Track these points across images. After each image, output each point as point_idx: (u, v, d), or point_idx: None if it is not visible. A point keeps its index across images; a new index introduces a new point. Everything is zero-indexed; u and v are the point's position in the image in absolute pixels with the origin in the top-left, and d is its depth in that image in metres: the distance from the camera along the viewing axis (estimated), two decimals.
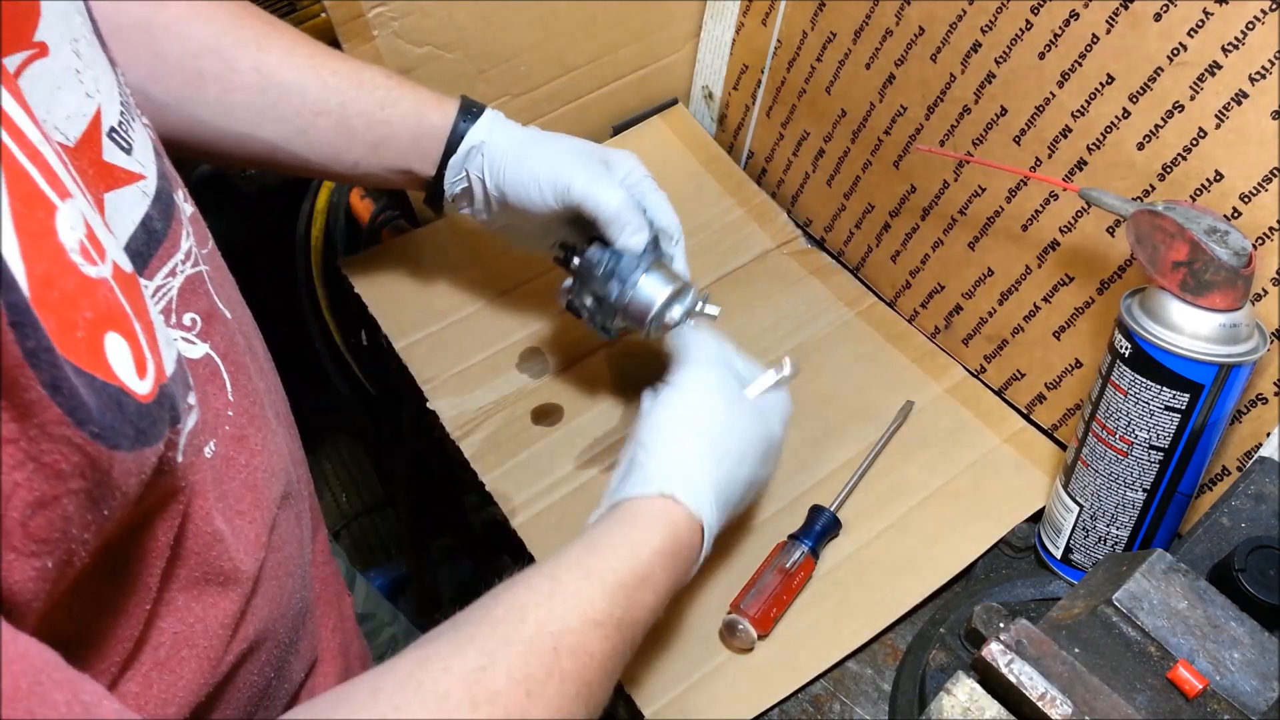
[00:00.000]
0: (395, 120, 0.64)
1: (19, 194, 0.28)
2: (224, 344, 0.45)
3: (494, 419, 0.74)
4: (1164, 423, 0.54)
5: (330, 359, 1.03)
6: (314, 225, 0.99)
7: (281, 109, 0.62)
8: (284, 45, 0.62)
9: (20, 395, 0.26)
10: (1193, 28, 0.55)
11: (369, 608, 0.84)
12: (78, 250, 0.30)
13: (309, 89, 0.62)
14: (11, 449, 0.26)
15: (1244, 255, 0.50)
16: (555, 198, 0.63)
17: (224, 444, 0.43)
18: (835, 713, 0.59)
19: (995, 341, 0.73)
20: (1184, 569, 0.48)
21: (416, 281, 0.82)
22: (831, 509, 0.66)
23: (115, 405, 0.30)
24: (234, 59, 0.60)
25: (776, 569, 0.62)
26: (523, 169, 0.63)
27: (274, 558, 0.46)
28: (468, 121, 0.65)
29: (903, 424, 0.71)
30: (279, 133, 0.63)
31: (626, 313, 0.63)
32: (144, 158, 0.41)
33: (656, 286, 0.62)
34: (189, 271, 0.43)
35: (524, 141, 0.65)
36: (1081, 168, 0.63)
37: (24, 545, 0.28)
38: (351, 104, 0.63)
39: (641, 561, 0.50)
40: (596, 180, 0.62)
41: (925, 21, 0.70)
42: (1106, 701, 0.43)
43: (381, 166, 0.66)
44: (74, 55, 0.37)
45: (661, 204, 0.66)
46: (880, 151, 0.78)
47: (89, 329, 0.29)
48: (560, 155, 0.63)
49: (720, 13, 0.89)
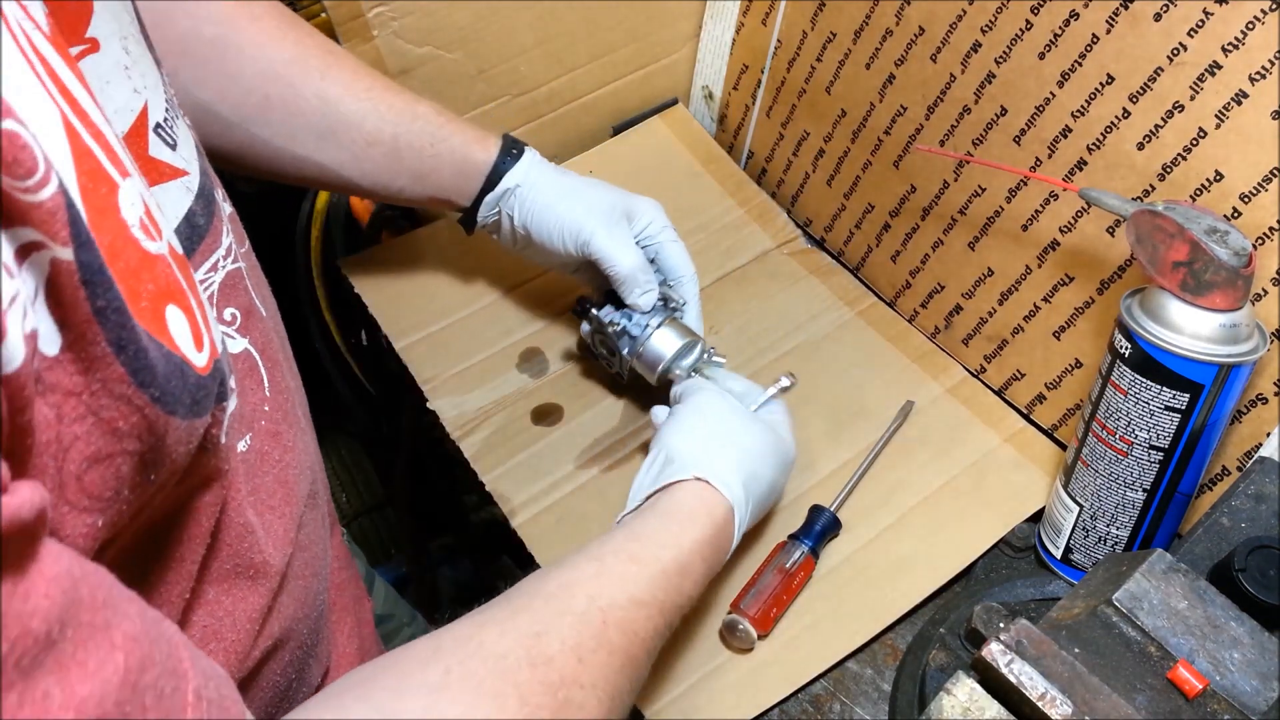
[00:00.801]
0: (443, 155, 0.68)
1: (85, 170, 0.29)
2: (261, 340, 0.46)
3: (494, 419, 0.74)
4: (1164, 423, 0.54)
5: (330, 359, 1.03)
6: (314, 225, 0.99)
7: (340, 137, 0.65)
8: (345, 77, 0.65)
9: (86, 350, 0.27)
10: (1193, 28, 0.55)
11: (387, 608, 0.84)
12: (138, 226, 0.31)
13: (366, 120, 0.66)
14: (74, 402, 0.27)
15: (1244, 255, 0.50)
16: (576, 249, 0.68)
17: (259, 439, 0.44)
18: (835, 713, 0.59)
19: (995, 341, 0.73)
20: (1184, 569, 0.48)
21: (416, 282, 0.82)
22: (831, 509, 0.66)
23: (178, 373, 0.31)
24: (300, 86, 0.63)
25: (776, 569, 0.62)
26: (550, 216, 0.68)
27: (301, 556, 0.47)
28: (508, 162, 0.69)
29: (903, 424, 0.71)
30: (335, 158, 0.66)
31: (637, 364, 0.69)
32: (188, 154, 0.42)
33: (666, 342, 0.68)
34: (230, 267, 0.44)
35: (555, 189, 0.69)
36: (1081, 168, 0.63)
37: (78, 499, 0.29)
38: (404, 137, 0.67)
39: (684, 551, 0.52)
40: (614, 240, 0.67)
41: (925, 21, 0.70)
42: (1106, 701, 0.43)
43: (423, 195, 0.70)
44: (123, 52, 0.38)
45: (679, 255, 0.71)
46: (880, 151, 0.78)
47: (152, 300, 0.31)
48: (583, 211, 0.68)
49: (720, 13, 0.89)
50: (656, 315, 0.69)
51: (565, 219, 0.68)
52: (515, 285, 0.82)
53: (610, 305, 0.71)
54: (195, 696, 0.28)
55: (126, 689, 0.25)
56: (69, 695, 0.24)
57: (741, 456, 0.58)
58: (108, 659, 0.25)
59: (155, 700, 0.27)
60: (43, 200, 0.25)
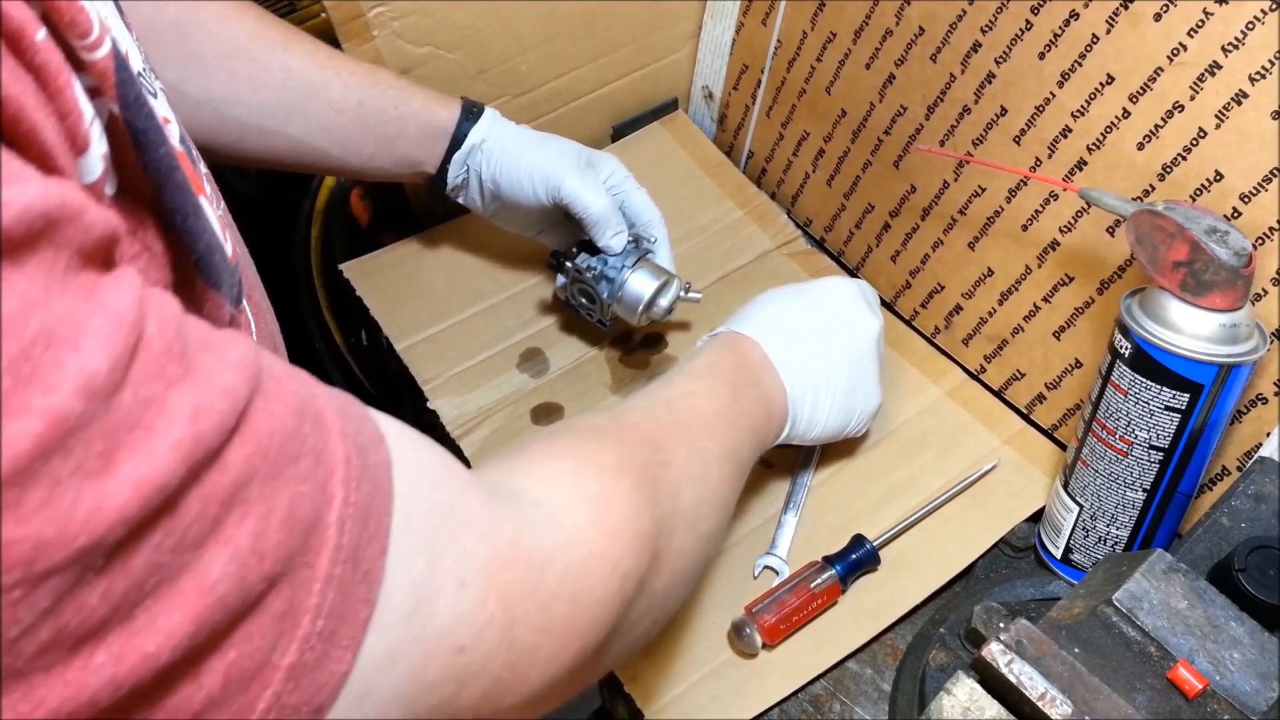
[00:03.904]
0: (408, 118, 0.69)
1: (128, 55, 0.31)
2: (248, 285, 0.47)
3: (494, 418, 0.74)
4: (1164, 423, 0.54)
5: (330, 359, 1.03)
6: (313, 226, 0.99)
7: (306, 107, 0.66)
8: (305, 48, 0.67)
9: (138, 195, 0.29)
10: (1193, 28, 0.55)
11: None
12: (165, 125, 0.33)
13: (331, 88, 0.67)
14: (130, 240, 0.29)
15: (1244, 255, 0.50)
16: (547, 195, 0.70)
17: None
18: (835, 713, 0.59)
19: (995, 341, 0.73)
20: (1184, 569, 0.48)
21: (417, 285, 0.82)
22: (874, 544, 0.63)
23: (219, 249, 0.33)
24: (264, 59, 0.65)
25: (800, 587, 0.61)
26: (519, 168, 0.70)
27: None
28: (470, 120, 0.71)
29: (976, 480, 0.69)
30: (304, 129, 0.67)
31: (618, 307, 0.71)
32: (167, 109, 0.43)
33: (643, 282, 0.70)
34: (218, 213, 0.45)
35: (520, 141, 0.71)
36: (1081, 168, 0.63)
37: None
38: (369, 102, 0.68)
39: (708, 360, 0.57)
40: (585, 184, 0.69)
41: (925, 21, 0.70)
42: (1106, 701, 0.43)
43: (393, 160, 0.71)
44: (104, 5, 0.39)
45: (643, 200, 0.73)
46: (880, 151, 0.78)
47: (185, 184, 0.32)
48: (552, 157, 0.70)
49: (720, 13, 0.89)
50: (630, 255, 0.71)
51: (534, 166, 0.69)
52: (515, 286, 0.82)
53: (585, 254, 0.72)
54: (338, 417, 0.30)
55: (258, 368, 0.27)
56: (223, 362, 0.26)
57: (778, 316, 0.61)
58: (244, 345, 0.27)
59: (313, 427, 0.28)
60: (97, 59, 0.27)
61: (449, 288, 0.82)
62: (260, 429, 0.26)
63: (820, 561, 0.63)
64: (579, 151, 0.71)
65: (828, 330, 0.62)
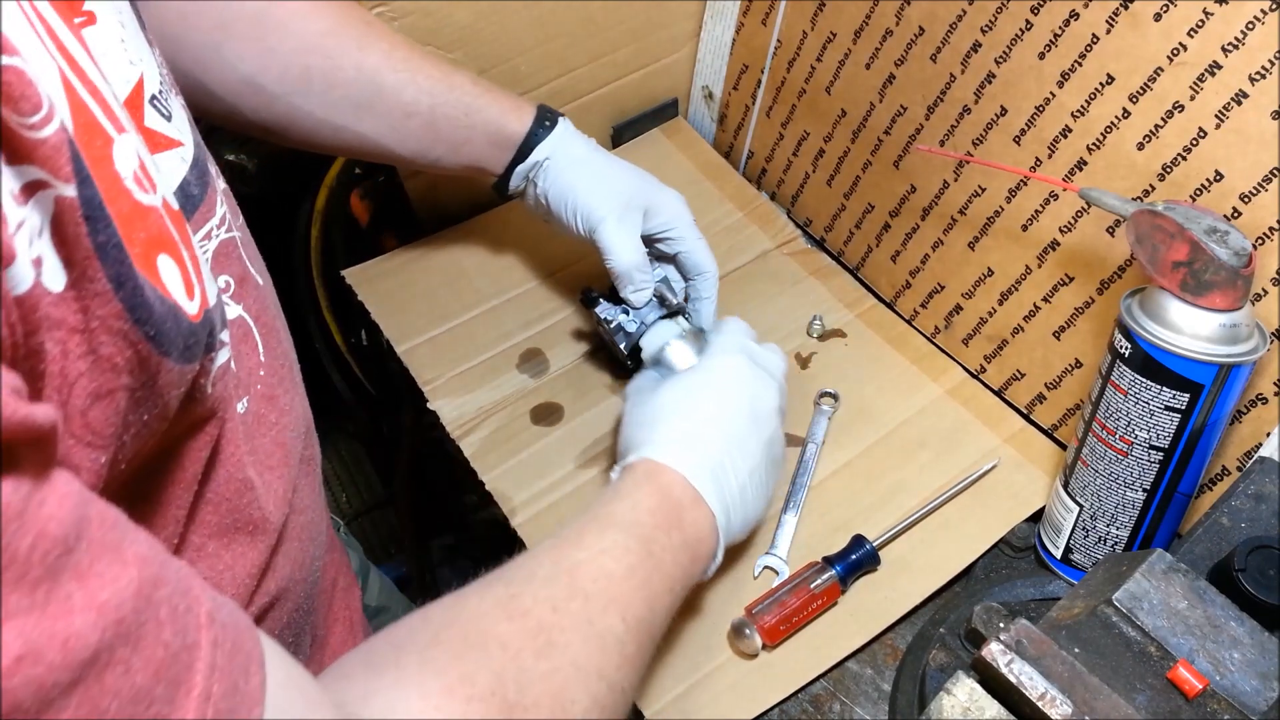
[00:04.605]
0: (478, 125, 0.69)
1: (80, 123, 0.30)
2: (256, 307, 0.47)
3: (494, 418, 0.74)
4: (1164, 423, 0.54)
5: (330, 359, 1.04)
6: (314, 226, 0.99)
7: (377, 107, 0.67)
8: (383, 47, 0.67)
9: (88, 286, 0.28)
10: (1193, 28, 0.55)
11: (383, 600, 0.84)
12: (131, 178, 0.32)
13: (404, 91, 0.67)
14: (78, 338, 0.28)
15: (1244, 255, 0.50)
16: (585, 232, 0.69)
17: (256, 402, 0.45)
18: (835, 713, 0.59)
19: (995, 341, 0.73)
20: (1184, 569, 0.48)
21: (418, 289, 0.82)
22: (874, 544, 0.63)
23: (172, 316, 0.32)
24: (338, 58, 0.65)
25: (800, 588, 0.61)
26: (569, 196, 0.69)
27: (296, 519, 0.49)
28: (540, 134, 0.70)
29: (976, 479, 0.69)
30: (373, 128, 0.67)
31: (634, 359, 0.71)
32: (182, 127, 0.43)
33: (656, 341, 0.69)
34: (223, 236, 0.45)
35: (578, 168, 0.70)
36: (1081, 168, 0.63)
37: (83, 433, 0.29)
38: (440, 108, 0.68)
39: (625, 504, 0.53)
40: (619, 234, 0.68)
41: (925, 21, 0.70)
42: (1106, 701, 0.43)
43: (458, 163, 0.71)
44: (119, 26, 0.40)
45: (700, 252, 0.72)
46: (880, 151, 0.78)
47: (144, 248, 0.31)
48: (599, 197, 0.69)
49: (720, 13, 0.89)
50: (652, 312, 0.70)
51: (580, 202, 0.69)
52: (515, 288, 0.82)
53: (608, 303, 0.71)
54: (209, 617, 0.29)
55: (142, 599, 0.26)
56: (89, 598, 0.24)
57: (689, 427, 0.57)
58: (122, 571, 0.26)
59: (170, 614, 0.27)
60: (46, 137, 0.25)
61: (449, 291, 0.82)
62: (107, 687, 0.24)
63: (820, 562, 0.63)
64: (634, 194, 0.70)
65: (735, 417, 0.59)
